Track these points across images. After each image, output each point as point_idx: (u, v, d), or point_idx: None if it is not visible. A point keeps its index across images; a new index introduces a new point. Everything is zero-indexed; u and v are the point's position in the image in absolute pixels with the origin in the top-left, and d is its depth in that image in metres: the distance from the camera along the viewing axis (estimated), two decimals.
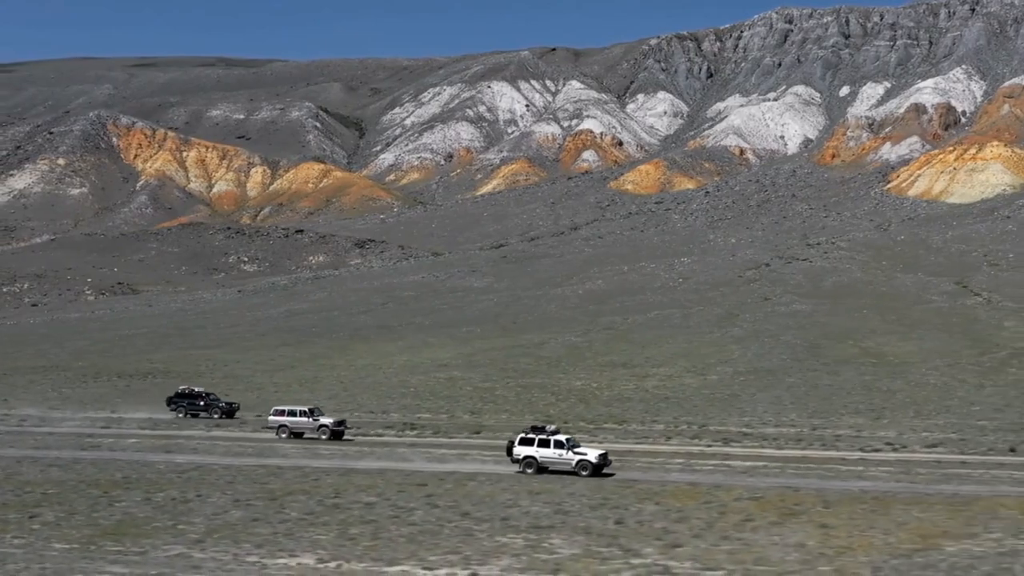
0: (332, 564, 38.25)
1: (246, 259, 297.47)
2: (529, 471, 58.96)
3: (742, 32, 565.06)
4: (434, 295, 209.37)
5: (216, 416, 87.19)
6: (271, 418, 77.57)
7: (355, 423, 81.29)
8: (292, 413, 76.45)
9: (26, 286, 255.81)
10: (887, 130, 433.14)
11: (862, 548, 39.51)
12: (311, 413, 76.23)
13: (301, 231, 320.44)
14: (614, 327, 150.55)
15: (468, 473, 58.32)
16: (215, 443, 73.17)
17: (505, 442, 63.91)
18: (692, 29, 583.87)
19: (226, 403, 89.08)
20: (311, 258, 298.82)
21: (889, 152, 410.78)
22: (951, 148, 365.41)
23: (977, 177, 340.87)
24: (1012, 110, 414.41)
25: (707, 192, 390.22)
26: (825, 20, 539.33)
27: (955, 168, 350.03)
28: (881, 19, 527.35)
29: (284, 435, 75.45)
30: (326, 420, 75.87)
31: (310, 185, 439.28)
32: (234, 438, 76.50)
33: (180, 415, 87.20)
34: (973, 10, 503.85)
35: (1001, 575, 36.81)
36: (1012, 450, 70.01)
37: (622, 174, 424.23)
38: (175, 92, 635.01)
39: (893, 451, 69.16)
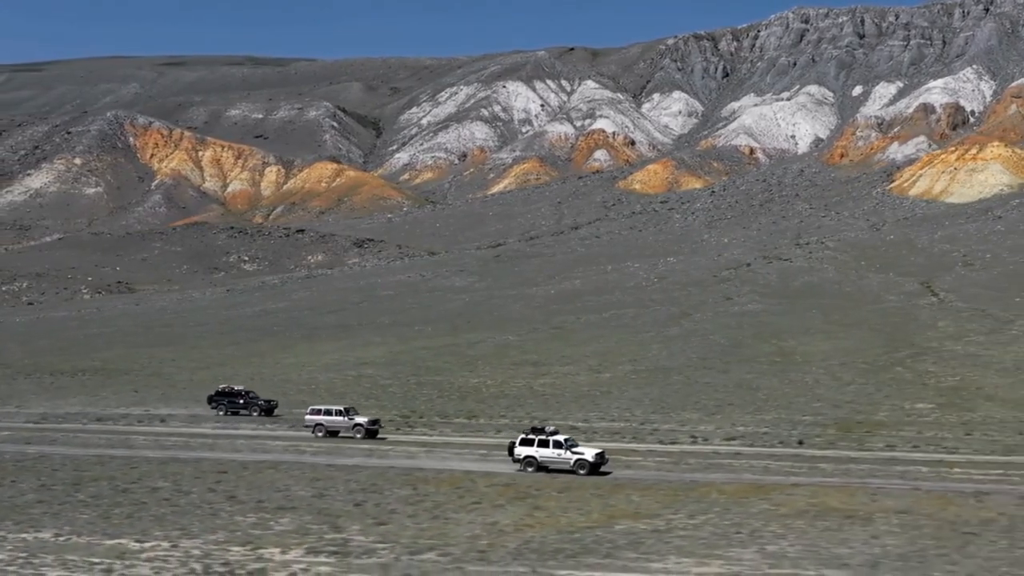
0: (62, 539, 42.29)
1: (246, 258, 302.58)
2: (530, 470, 61.12)
3: (759, 32, 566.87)
4: (412, 294, 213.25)
5: (255, 413, 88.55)
6: (308, 417, 78.97)
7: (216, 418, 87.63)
8: (328, 412, 77.85)
9: (25, 285, 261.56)
10: (896, 130, 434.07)
11: (541, 526, 43.17)
12: (346, 412, 77.82)
13: (302, 231, 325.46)
14: (563, 327, 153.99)
15: (273, 462, 62.74)
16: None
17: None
18: (713, 28, 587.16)
19: (264, 401, 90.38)
20: (310, 257, 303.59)
21: (896, 152, 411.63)
22: (952, 148, 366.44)
23: (976, 177, 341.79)
24: (1019, 110, 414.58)
25: (713, 192, 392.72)
26: (840, 20, 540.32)
27: (956, 168, 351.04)
28: (896, 19, 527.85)
29: (320, 433, 76.91)
30: (360, 419, 77.25)
31: (323, 184, 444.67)
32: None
33: (221, 412, 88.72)
34: (987, 10, 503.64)
35: (630, 548, 40.54)
36: (800, 442, 73.51)
37: (630, 174, 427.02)
38: (200, 91, 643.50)
39: (692, 443, 72.94)
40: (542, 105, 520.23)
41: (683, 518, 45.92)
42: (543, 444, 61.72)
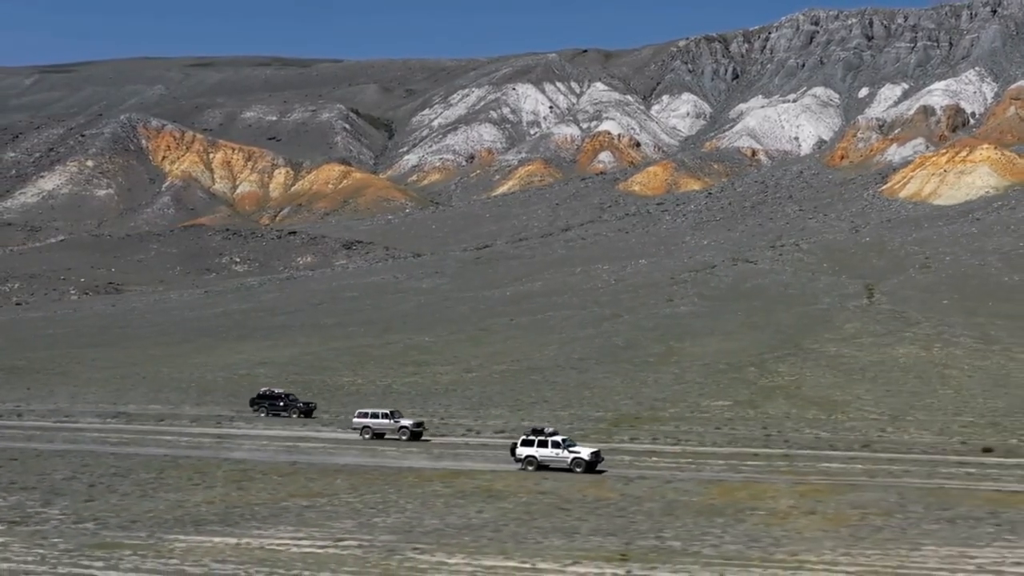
0: None
1: (238, 260, 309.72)
2: (530, 468, 64.63)
3: (770, 34, 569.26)
4: (374, 296, 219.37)
5: (295, 415, 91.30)
6: (355, 420, 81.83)
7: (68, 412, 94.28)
8: (375, 415, 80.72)
9: (17, 286, 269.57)
10: (896, 132, 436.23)
11: (221, 501, 49.81)
12: (392, 415, 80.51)
13: (294, 233, 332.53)
14: (488, 328, 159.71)
15: (87, 452, 69.74)
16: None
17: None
18: (728, 30, 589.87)
19: (304, 403, 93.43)
20: (300, 259, 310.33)
21: (894, 154, 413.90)
22: (944, 151, 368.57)
23: (964, 179, 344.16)
24: (1018, 112, 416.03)
25: (709, 193, 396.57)
26: (850, 22, 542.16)
27: (945, 170, 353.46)
28: (905, 20, 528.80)
29: (367, 435, 79.58)
30: (406, 422, 79.83)
31: (329, 186, 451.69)
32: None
33: (262, 414, 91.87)
34: (995, 12, 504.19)
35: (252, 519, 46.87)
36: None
37: (631, 176, 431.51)
38: (223, 93, 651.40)
39: (462, 436, 79.79)
40: (551, 107, 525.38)
41: (349, 497, 51.96)
42: (542, 444, 65.51)
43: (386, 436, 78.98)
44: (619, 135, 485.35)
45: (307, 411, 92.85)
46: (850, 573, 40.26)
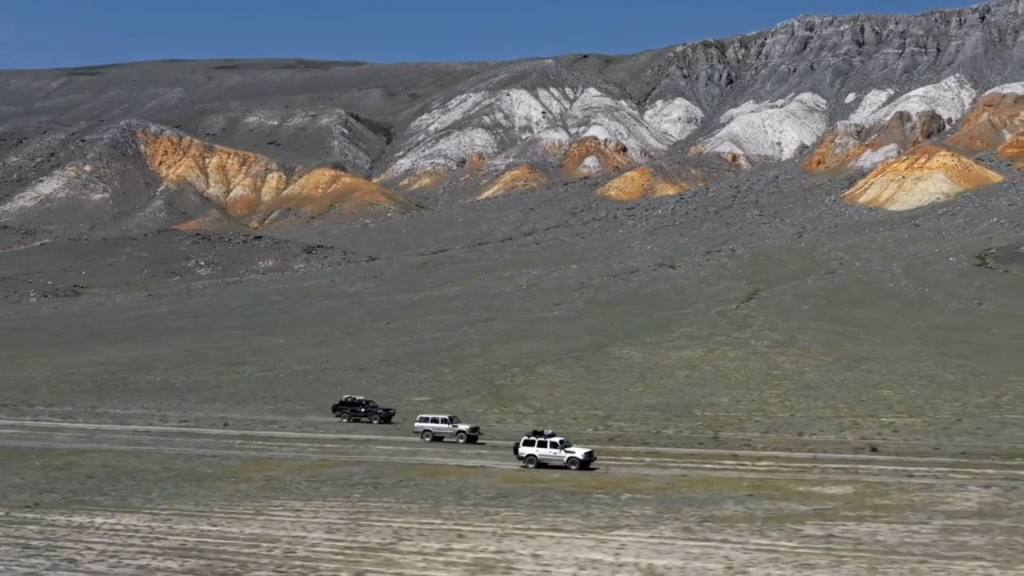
0: None
1: (203, 264, 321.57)
2: (531, 466, 69.78)
3: (765, 39, 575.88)
4: (296, 300, 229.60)
5: (375, 421, 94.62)
6: (416, 424, 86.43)
7: None
8: (435, 420, 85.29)
9: None
10: (872, 137, 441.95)
11: None
12: (451, 420, 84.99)
13: (259, 237, 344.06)
14: (358, 331, 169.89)
15: None
16: None
17: None
18: (729, 35, 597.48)
19: (383, 409, 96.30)
20: (261, 263, 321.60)
21: (867, 159, 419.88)
22: (904, 157, 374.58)
23: (919, 186, 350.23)
24: (990, 118, 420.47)
25: (681, 198, 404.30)
26: (842, 28, 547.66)
27: (904, 177, 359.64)
28: (895, 26, 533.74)
29: (428, 439, 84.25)
30: (463, 426, 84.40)
31: (319, 191, 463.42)
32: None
33: (344, 420, 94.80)
34: (983, 18, 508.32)
35: None
36: (225, 424, 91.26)
37: (610, 181, 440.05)
38: (240, 96, 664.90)
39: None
40: (543, 112, 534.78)
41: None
42: (542, 444, 71.35)
43: (445, 439, 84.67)
44: (605, 140, 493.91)
45: (386, 417, 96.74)
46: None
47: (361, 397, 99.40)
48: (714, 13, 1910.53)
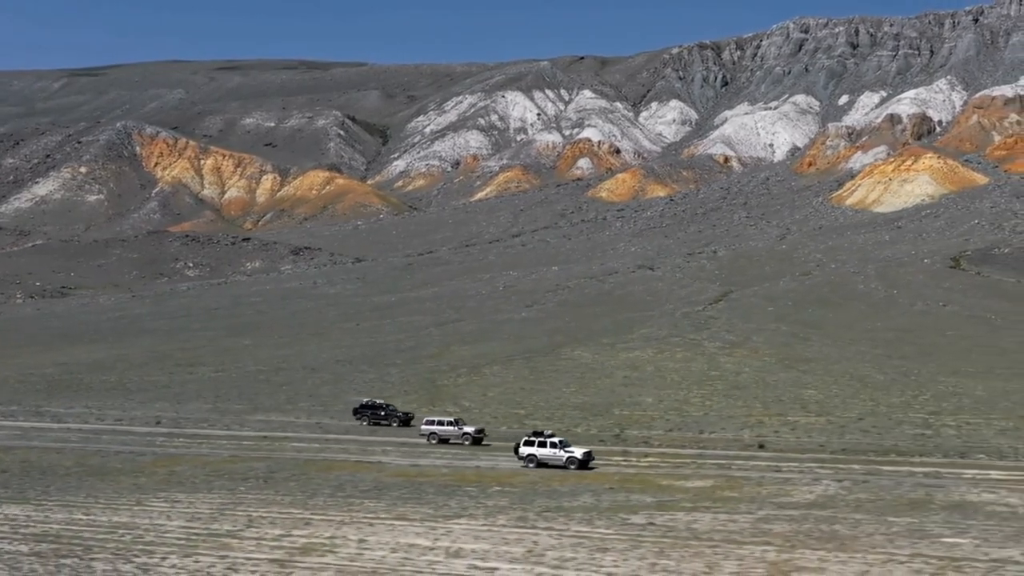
0: None
1: (191, 265, 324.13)
2: (531, 465, 70.97)
3: (761, 41, 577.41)
4: (274, 302, 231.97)
5: (394, 424, 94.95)
6: (423, 427, 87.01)
7: None
8: (440, 423, 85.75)
9: None
10: (863, 139, 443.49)
11: None
12: (456, 423, 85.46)
13: (247, 239, 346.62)
14: (326, 332, 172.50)
15: None
16: None
17: None
18: (725, 37, 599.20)
19: (403, 413, 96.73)
20: (248, 264, 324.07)
21: (857, 161, 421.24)
22: (891, 159, 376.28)
23: (905, 188, 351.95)
24: (980, 120, 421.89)
25: (671, 200, 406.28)
26: (837, 30, 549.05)
27: (890, 179, 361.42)
28: (890, 28, 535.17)
29: (434, 441, 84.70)
30: (468, 428, 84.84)
31: (313, 192, 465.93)
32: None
33: (364, 423, 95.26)
34: (976, 20, 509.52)
35: None
36: (158, 422, 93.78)
37: (601, 182, 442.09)
38: (239, 97, 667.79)
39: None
40: (538, 114, 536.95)
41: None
42: (542, 444, 72.63)
43: (451, 441, 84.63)
44: (599, 142, 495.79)
45: (405, 420, 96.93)
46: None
47: (381, 401, 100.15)
48: (713, 14, 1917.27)
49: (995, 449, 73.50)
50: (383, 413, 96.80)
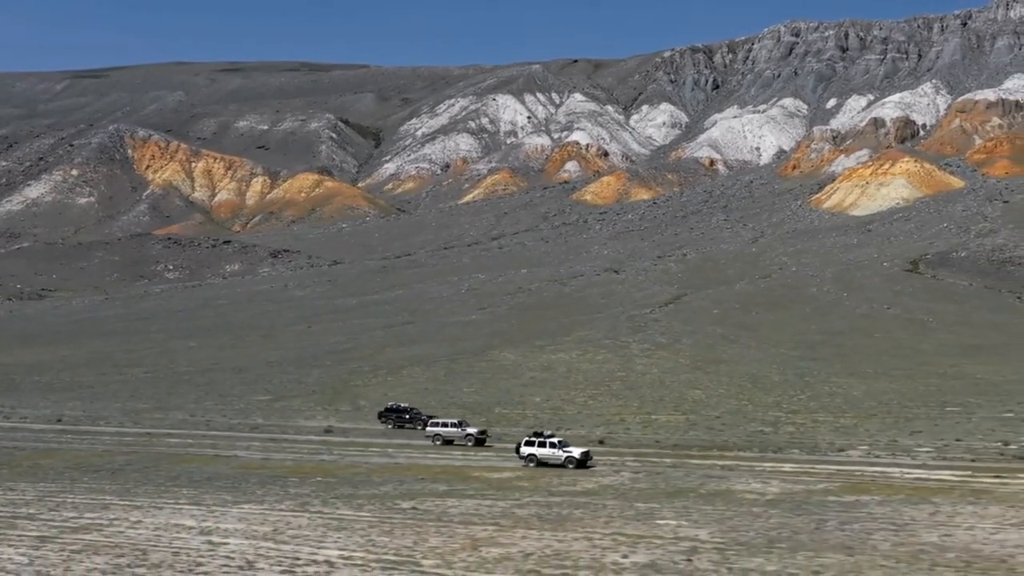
0: None
1: (171, 267, 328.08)
2: (531, 464, 72.47)
3: (752, 45, 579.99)
4: (243, 303, 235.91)
5: (419, 428, 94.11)
6: (429, 428, 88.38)
7: None
8: (444, 424, 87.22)
9: None
10: (847, 143, 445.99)
11: None
12: (460, 424, 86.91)
13: (228, 242, 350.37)
14: (274, 334, 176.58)
15: None
16: None
17: None
18: (717, 40, 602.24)
19: (427, 416, 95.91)
20: (228, 267, 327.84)
21: (840, 164, 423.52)
22: (870, 163, 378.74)
23: (882, 191, 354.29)
24: (962, 124, 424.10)
25: (653, 203, 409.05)
26: (827, 34, 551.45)
27: (868, 182, 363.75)
28: (879, 32, 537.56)
29: (438, 442, 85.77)
30: (471, 430, 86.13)
31: (302, 195, 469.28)
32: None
33: (389, 426, 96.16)
34: (965, 24, 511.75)
35: None
36: (59, 420, 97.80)
37: (586, 185, 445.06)
38: (241, 99, 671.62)
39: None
40: (528, 117, 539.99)
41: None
42: (542, 444, 74.17)
43: (455, 442, 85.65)
44: (587, 145, 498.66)
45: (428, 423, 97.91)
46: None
47: (406, 404, 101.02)
48: (711, 15, 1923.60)
49: (814, 445, 76.70)
50: (407, 417, 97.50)
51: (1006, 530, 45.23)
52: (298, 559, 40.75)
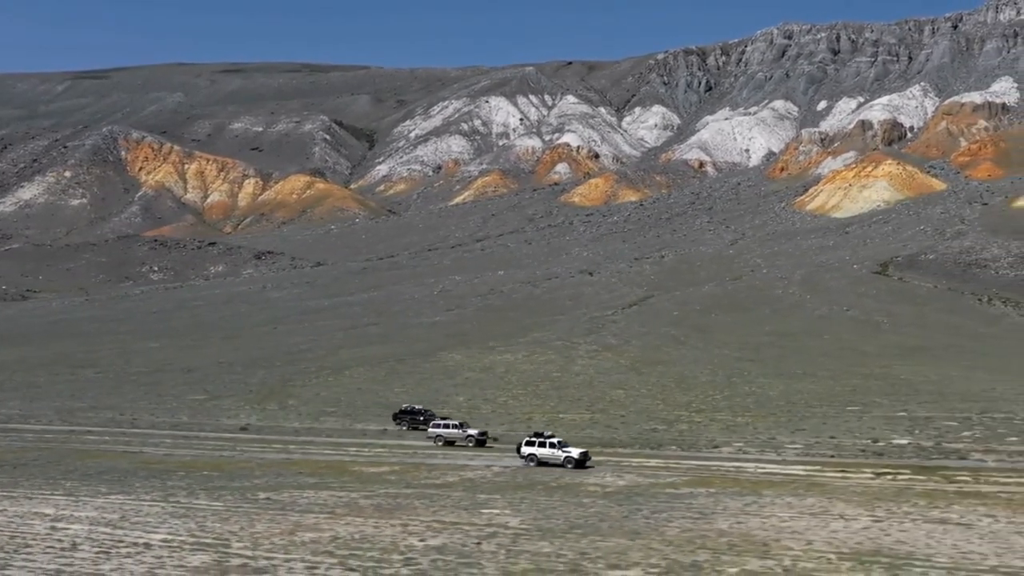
0: None
1: (156, 269, 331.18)
2: (532, 464, 73.56)
3: (746, 47, 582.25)
4: (218, 305, 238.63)
5: None
6: (431, 430, 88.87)
7: None
8: (446, 426, 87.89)
9: None
10: (835, 145, 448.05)
11: None
12: (461, 426, 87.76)
13: (213, 243, 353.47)
14: (240, 334, 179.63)
15: None
16: None
17: None
18: (711, 42, 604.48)
19: (441, 419, 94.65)
20: (212, 268, 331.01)
21: (826, 167, 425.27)
22: (853, 165, 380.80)
23: (864, 194, 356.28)
24: (948, 126, 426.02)
25: (640, 205, 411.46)
26: (819, 36, 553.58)
27: (851, 184, 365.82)
28: (871, 34, 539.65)
29: (440, 443, 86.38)
30: (472, 431, 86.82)
31: (294, 196, 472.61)
32: None
33: (404, 428, 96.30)
34: (955, 27, 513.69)
35: None
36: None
37: (575, 187, 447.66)
38: (240, 100, 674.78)
39: None
40: (521, 119, 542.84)
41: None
42: (542, 444, 75.34)
43: (456, 443, 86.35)
44: (578, 147, 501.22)
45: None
46: None
47: (420, 406, 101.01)
48: (705, 17, 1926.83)
49: (693, 442, 79.39)
50: (422, 419, 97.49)
51: (802, 518, 47.70)
52: (121, 542, 43.40)
